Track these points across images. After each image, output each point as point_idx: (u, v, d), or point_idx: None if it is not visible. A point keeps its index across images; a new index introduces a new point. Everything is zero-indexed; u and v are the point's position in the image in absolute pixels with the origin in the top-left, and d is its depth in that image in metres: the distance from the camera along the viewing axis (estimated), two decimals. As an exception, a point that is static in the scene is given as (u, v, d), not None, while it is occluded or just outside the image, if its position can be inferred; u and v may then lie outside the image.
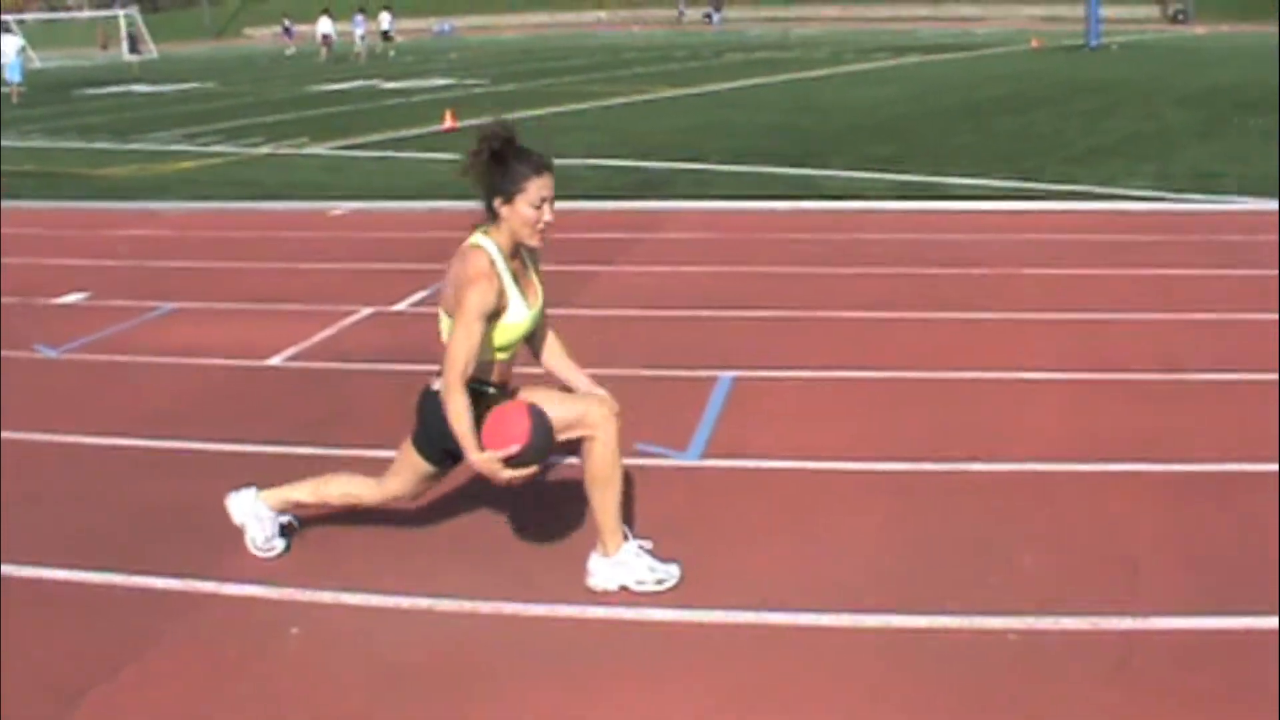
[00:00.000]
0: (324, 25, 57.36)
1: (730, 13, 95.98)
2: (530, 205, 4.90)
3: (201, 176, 18.82)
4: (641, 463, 6.39)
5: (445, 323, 5.02)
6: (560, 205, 5.21)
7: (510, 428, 4.86)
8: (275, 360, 8.59)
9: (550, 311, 5.37)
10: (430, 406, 5.10)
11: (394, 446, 6.37)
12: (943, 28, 71.12)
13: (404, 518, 5.80)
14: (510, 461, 4.83)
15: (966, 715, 4.20)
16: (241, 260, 12.22)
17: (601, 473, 5.00)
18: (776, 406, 7.34)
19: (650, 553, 5.15)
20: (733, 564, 5.32)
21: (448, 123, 23.84)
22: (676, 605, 4.95)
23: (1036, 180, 15.76)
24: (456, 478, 6.15)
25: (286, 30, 71.56)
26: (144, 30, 66.20)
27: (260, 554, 5.45)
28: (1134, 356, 8.10)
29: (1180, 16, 79.71)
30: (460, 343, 4.84)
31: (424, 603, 5.04)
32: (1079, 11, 55.02)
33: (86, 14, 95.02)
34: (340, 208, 15.24)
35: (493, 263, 4.91)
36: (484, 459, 4.84)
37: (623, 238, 12.60)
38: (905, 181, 16.01)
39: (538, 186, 4.91)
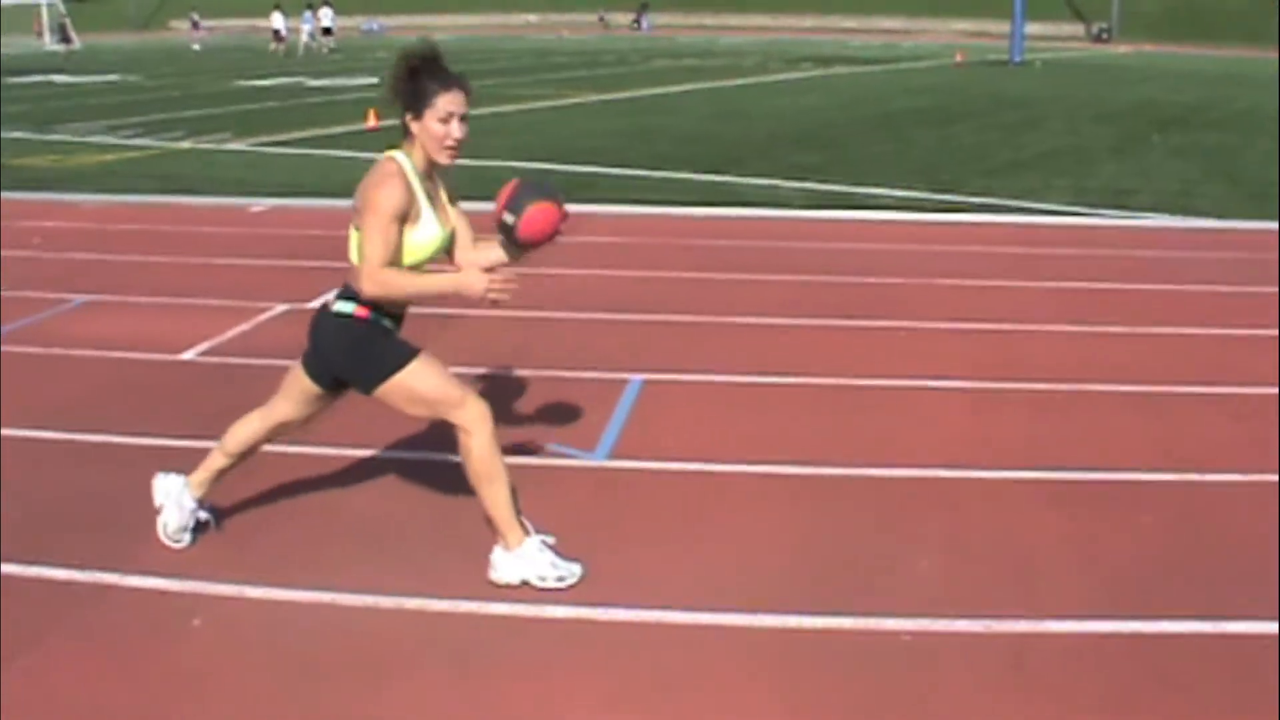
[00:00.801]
0: (276, 20, 57.22)
1: (660, 19, 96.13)
2: (438, 120, 4.90)
3: (121, 169, 18.66)
4: (549, 462, 6.46)
5: (355, 237, 5.00)
6: (477, 205, 5.26)
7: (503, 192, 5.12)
8: (188, 354, 8.57)
9: (468, 313, 5.40)
10: (324, 327, 5.14)
11: (310, 441, 6.48)
12: (869, 39, 71.53)
13: (310, 510, 5.85)
14: (509, 206, 5.06)
15: (860, 715, 4.28)
16: (158, 254, 12.14)
17: (484, 469, 5.05)
18: (685, 409, 7.42)
19: (553, 549, 5.20)
20: (634, 563, 5.38)
21: (371, 121, 23.76)
22: (576, 603, 5.00)
23: (954, 192, 15.93)
24: (363, 472, 6.20)
25: (194, 24, 70.93)
26: (68, 20, 65.51)
27: (168, 542, 5.45)
28: (1039, 367, 8.23)
29: (1104, 35, 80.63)
30: (375, 239, 4.83)
31: (326, 596, 5.06)
32: (1005, 28, 55.54)
33: (10, 1, 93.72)
34: (261, 204, 15.18)
35: (402, 170, 4.92)
36: (463, 278, 4.95)
37: (542, 240, 12.61)
38: (824, 191, 16.14)
39: (446, 101, 4.90)
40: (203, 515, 5.55)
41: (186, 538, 5.50)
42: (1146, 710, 4.28)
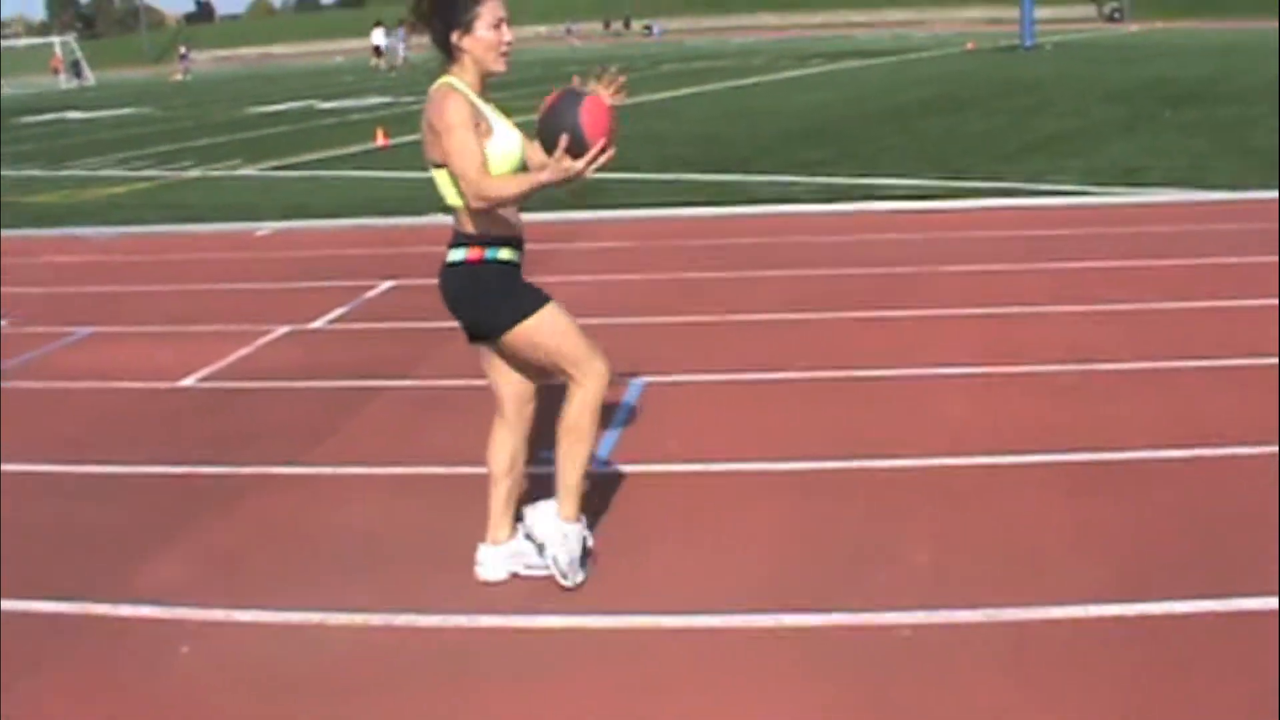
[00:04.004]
0: (376, 36, 60.77)
1: (671, 24, 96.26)
2: (489, 28, 4.86)
3: (130, 201, 18.66)
4: (545, 470, 6.35)
5: (439, 175, 4.93)
6: None
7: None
8: (188, 381, 8.51)
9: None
10: (446, 283, 5.02)
11: (302, 461, 6.48)
12: (880, 32, 71.35)
13: (298, 531, 5.79)
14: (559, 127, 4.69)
15: (859, 711, 4.17)
16: (162, 283, 12.12)
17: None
18: (685, 410, 7.32)
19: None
20: (629, 568, 5.28)
21: (379, 140, 23.76)
22: (569, 611, 4.90)
23: (965, 179, 15.80)
24: (349, 490, 6.15)
25: (183, 56, 72.28)
26: (81, 57, 66.05)
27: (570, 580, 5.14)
28: (1047, 350, 8.11)
29: (1116, 15, 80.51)
30: (462, 153, 4.73)
31: (315, 617, 4.98)
32: (1016, 13, 55.34)
33: (24, 41, 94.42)
34: (266, 228, 15.14)
35: (457, 89, 4.84)
36: (560, 167, 4.66)
37: (547, 248, 12.50)
38: (835, 184, 16.01)
39: (491, 9, 4.87)
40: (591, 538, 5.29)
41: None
42: (1152, 692, 4.16)
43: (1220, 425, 6.59)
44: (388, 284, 11.05)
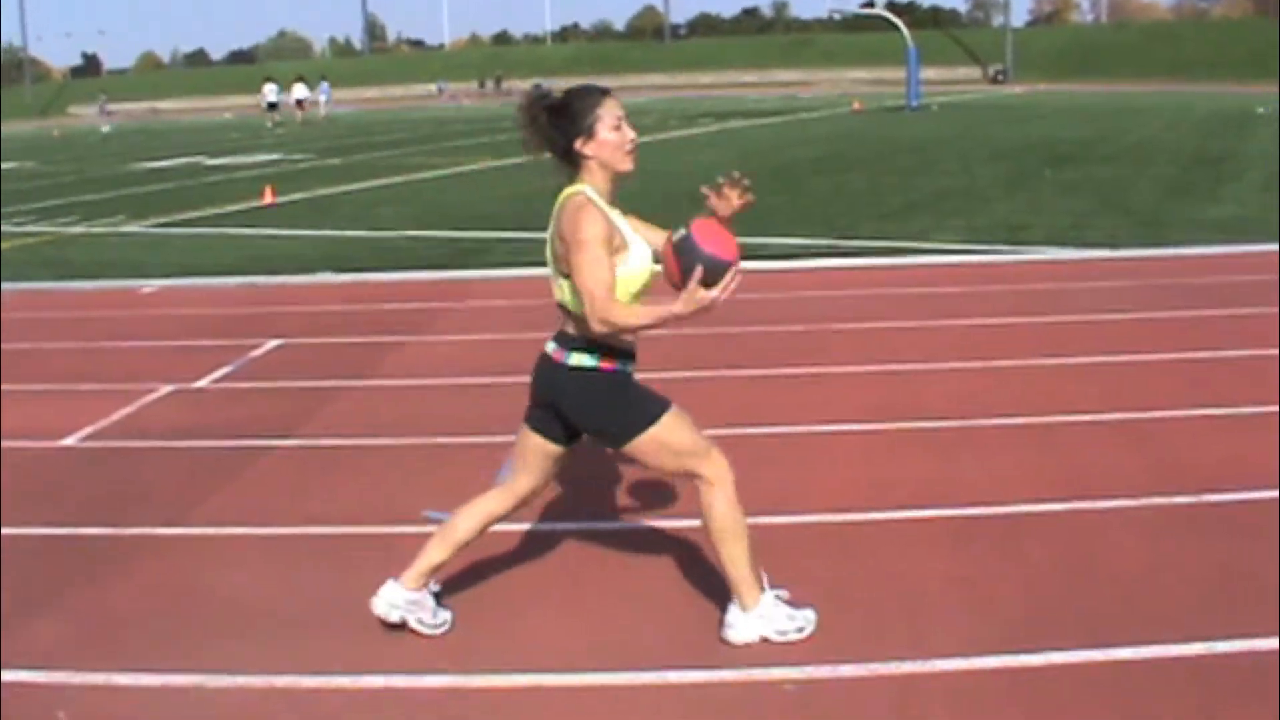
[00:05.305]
0: (299, 91, 62.09)
1: (559, 84, 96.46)
2: (611, 129, 4.79)
3: (13, 257, 18.33)
4: (430, 530, 6.32)
5: (563, 284, 4.87)
6: (374, 276, 5.15)
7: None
8: (70, 440, 8.37)
9: (355, 384, 5.29)
10: (566, 386, 4.96)
11: (184, 522, 6.38)
12: (767, 92, 72.10)
13: (177, 593, 5.71)
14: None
15: (740, 767, 4.20)
16: (43, 341, 11.93)
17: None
18: (573, 468, 7.28)
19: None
20: (516, 626, 5.28)
21: (267, 198, 23.60)
22: (453, 671, 4.88)
23: (851, 238, 16.00)
24: (230, 553, 6.09)
25: (104, 107, 71.62)
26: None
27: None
28: (933, 405, 8.22)
29: (1000, 77, 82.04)
30: (592, 271, 4.63)
31: (196, 679, 4.90)
32: (902, 74, 56.19)
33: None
34: (151, 285, 14.95)
35: (592, 199, 4.75)
36: (691, 299, 4.62)
37: (434, 307, 12.55)
38: (721, 242, 16.08)
39: (610, 109, 4.81)
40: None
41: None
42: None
43: (1097, 478, 6.73)
44: (274, 343, 10.95)
